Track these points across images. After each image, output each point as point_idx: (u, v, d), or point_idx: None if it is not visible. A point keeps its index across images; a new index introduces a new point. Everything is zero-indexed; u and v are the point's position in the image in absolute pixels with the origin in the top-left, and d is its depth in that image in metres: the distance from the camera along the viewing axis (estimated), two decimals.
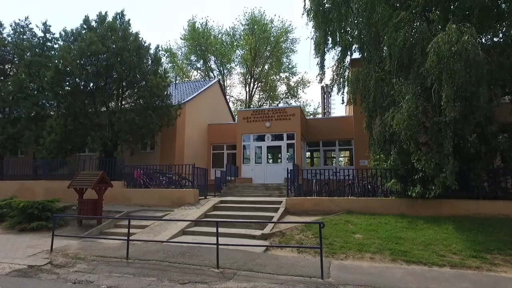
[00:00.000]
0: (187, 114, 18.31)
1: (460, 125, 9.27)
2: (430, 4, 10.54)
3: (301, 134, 17.14)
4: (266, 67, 36.49)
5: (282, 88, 46.08)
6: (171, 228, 9.39)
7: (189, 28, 34.83)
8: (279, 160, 17.11)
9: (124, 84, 15.38)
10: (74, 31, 16.00)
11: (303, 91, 54.72)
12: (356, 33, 13.67)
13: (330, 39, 15.09)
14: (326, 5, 14.63)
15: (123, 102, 16.09)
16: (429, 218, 9.43)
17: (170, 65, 36.15)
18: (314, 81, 39.82)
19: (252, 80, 36.15)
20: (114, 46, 15.16)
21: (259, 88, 38.24)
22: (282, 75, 38.35)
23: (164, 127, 16.04)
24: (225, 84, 36.57)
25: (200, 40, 33.91)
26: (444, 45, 8.29)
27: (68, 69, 14.18)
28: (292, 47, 35.77)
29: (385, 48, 11.57)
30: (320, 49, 15.21)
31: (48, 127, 15.05)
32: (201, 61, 35.88)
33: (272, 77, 38.28)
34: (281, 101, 37.68)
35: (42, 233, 9.46)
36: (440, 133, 9.27)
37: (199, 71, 37.36)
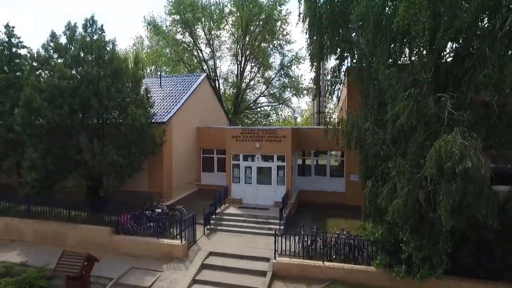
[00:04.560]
0: (174, 128, 17.42)
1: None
2: (438, 83, 9.50)
3: (292, 151, 16.69)
4: (258, 37, 33.96)
5: (275, 58, 43.84)
6: None
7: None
8: (269, 181, 16.87)
9: (103, 115, 14.31)
10: (42, 52, 14.31)
11: (297, 67, 51.69)
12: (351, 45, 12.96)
13: (325, 50, 14.08)
14: (323, 16, 13.14)
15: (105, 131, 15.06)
16: None
17: (156, 37, 33.42)
18: (307, 56, 37.23)
19: (244, 55, 33.90)
20: (88, 69, 13.82)
21: (252, 58, 36.07)
22: (276, 42, 36.09)
23: (150, 154, 15.46)
24: (215, 60, 34.34)
25: (187, 12, 30.80)
26: (447, 162, 7.58)
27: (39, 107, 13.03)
28: (285, 18, 32.90)
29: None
30: (314, 63, 14.29)
31: (28, 160, 14.29)
32: (188, 32, 33.04)
33: (264, 44, 36.00)
34: (276, 76, 35.93)
35: None
36: (434, 228, 9.10)
37: (186, 45, 34.66)
